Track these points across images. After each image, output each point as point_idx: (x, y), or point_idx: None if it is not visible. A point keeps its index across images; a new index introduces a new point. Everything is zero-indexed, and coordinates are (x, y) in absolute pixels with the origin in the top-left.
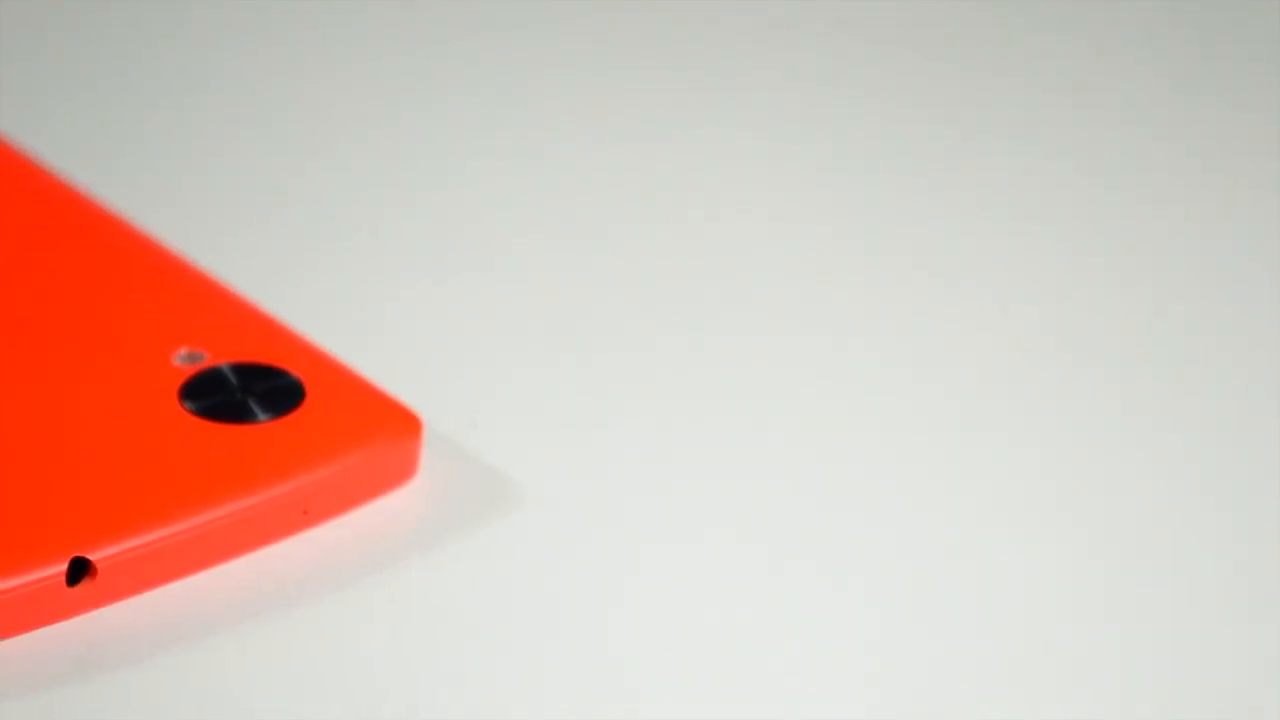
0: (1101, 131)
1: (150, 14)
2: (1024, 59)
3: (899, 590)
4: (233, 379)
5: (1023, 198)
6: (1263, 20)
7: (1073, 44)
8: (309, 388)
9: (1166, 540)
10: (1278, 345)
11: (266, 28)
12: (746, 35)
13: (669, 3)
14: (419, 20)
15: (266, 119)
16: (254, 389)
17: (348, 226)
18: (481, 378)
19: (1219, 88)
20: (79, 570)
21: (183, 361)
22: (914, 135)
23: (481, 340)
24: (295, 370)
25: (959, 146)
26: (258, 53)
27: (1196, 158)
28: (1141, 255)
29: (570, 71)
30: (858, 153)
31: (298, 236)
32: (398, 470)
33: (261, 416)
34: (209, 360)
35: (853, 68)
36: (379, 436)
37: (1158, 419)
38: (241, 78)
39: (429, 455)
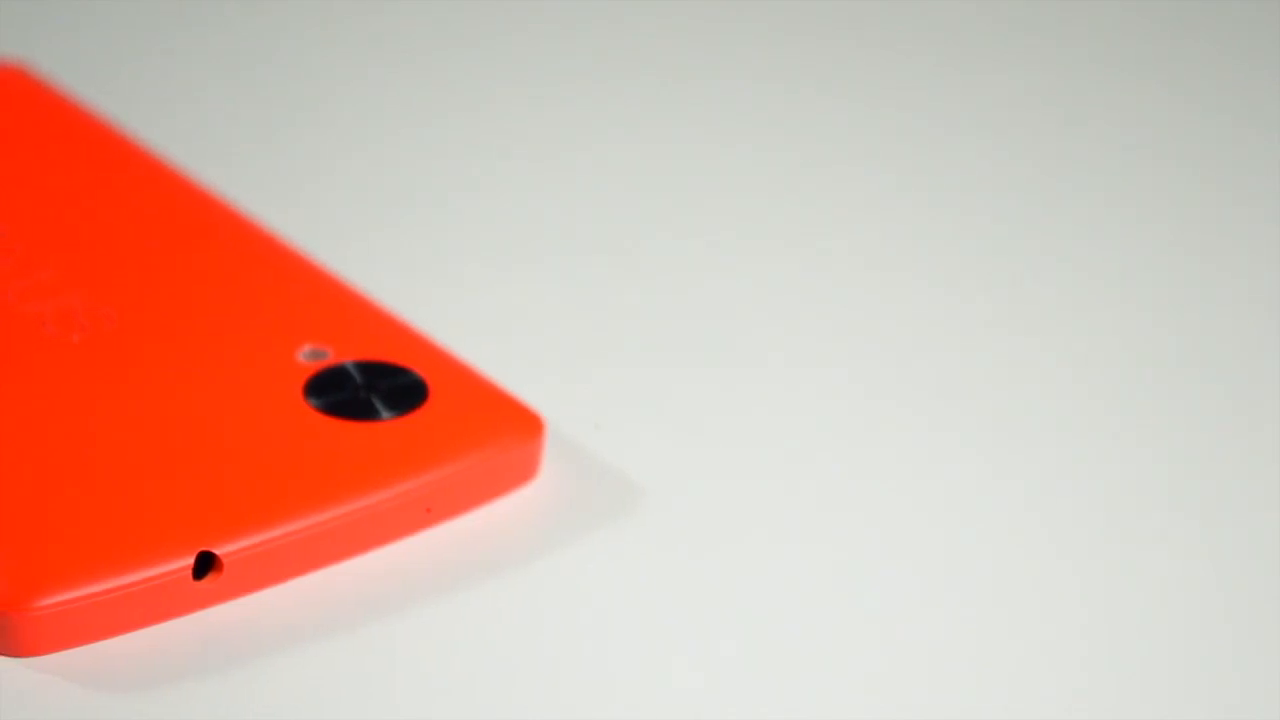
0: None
1: (275, 19)
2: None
3: (1023, 600)
4: (357, 376)
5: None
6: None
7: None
8: (432, 387)
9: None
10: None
11: (383, 31)
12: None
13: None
14: (539, 21)
15: (389, 119)
16: (378, 387)
17: (471, 226)
18: (604, 379)
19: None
20: (205, 564)
21: (307, 358)
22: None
23: (605, 341)
24: (419, 369)
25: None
26: (375, 55)
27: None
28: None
29: (694, 74)
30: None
31: (421, 236)
32: (520, 470)
33: (385, 414)
34: (332, 358)
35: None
36: (501, 436)
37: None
38: (362, 81)
39: (551, 456)
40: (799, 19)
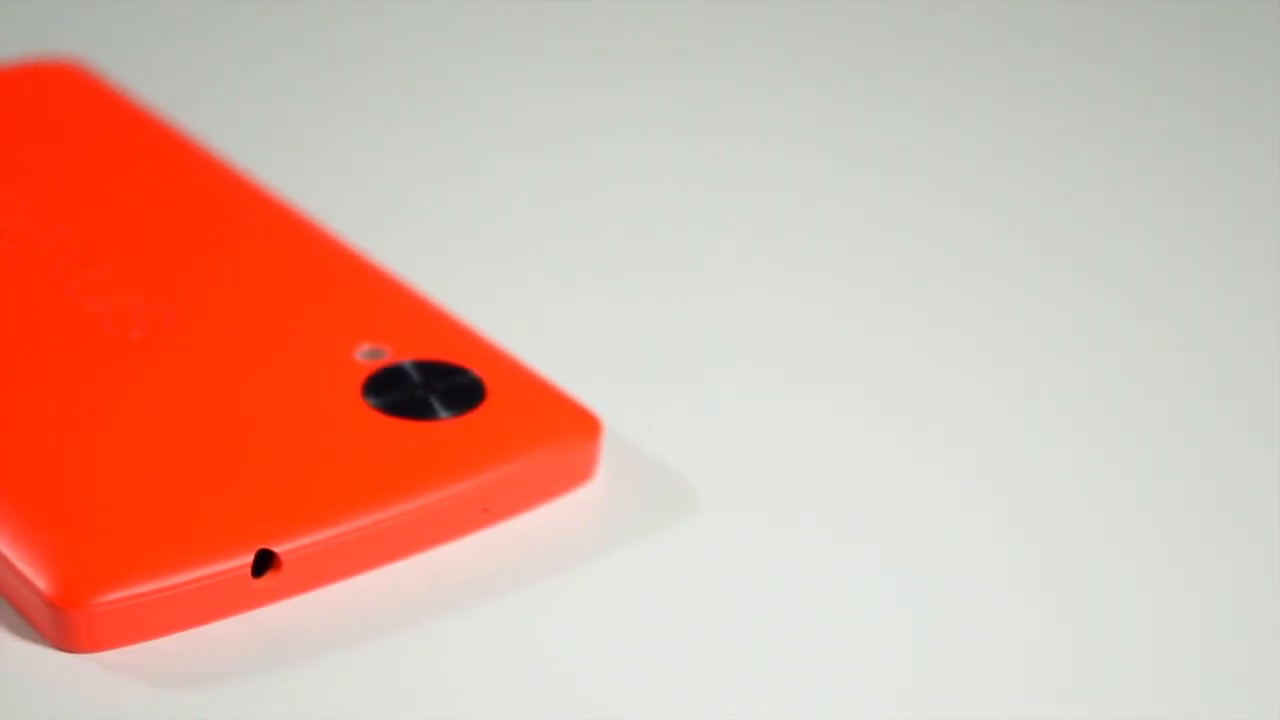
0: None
1: (335, 18)
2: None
3: (1080, 608)
4: (415, 376)
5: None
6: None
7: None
8: (490, 386)
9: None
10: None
11: (442, 31)
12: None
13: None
14: (597, 23)
15: (448, 120)
16: (436, 386)
17: (529, 226)
18: (662, 379)
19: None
20: (264, 562)
21: (365, 357)
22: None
23: (662, 341)
24: (476, 369)
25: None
26: (435, 55)
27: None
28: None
29: (752, 77)
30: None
31: (479, 235)
32: (577, 470)
33: (443, 414)
34: (390, 357)
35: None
36: (559, 436)
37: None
38: (420, 80)
39: (608, 456)
40: (842, 21)
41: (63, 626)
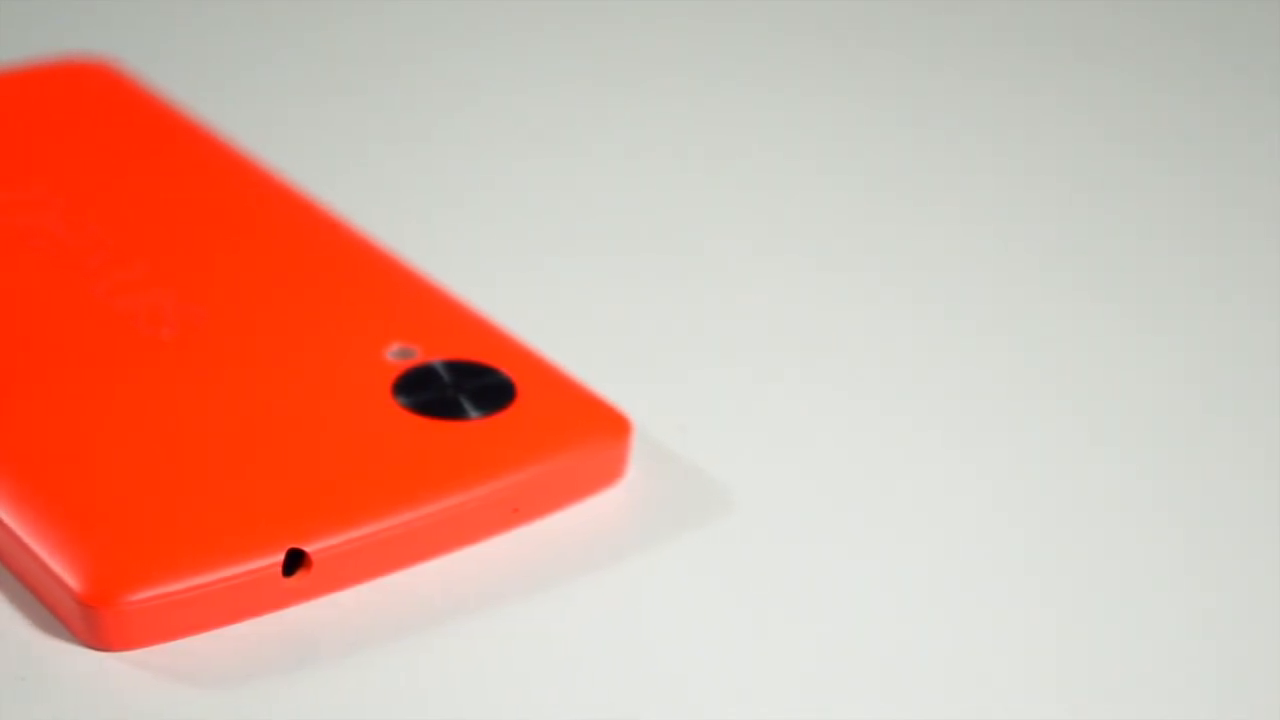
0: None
1: (363, 18)
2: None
3: (1100, 606)
4: (445, 376)
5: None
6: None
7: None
8: (520, 387)
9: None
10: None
11: (475, 35)
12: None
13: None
14: (627, 27)
15: (476, 120)
16: (466, 386)
17: (559, 227)
18: (691, 380)
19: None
20: (295, 561)
21: (395, 357)
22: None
23: (692, 342)
24: (506, 369)
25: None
26: (460, 56)
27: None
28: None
29: (776, 78)
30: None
31: (510, 236)
32: (607, 471)
33: (473, 414)
34: (420, 357)
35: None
36: (589, 437)
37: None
38: (447, 81)
39: (638, 456)
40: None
41: (94, 624)
